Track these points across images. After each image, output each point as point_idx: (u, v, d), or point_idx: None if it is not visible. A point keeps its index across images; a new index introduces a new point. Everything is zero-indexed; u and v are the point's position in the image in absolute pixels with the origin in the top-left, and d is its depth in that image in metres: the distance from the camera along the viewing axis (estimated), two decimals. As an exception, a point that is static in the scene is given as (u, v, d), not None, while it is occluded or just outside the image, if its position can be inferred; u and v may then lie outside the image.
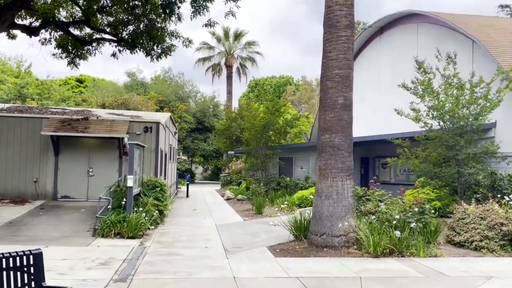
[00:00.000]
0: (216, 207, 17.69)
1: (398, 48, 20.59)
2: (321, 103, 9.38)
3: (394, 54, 20.95)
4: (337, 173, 8.98)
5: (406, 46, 19.35)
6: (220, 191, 27.79)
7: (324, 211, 8.96)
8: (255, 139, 19.76)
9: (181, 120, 41.01)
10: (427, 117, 12.04)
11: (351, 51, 9.34)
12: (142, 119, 15.45)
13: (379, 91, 22.24)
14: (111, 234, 10.15)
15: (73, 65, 18.99)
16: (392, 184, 20.81)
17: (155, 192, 12.76)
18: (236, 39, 41.53)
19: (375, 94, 22.76)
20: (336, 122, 9.05)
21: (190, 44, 18.49)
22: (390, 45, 21.58)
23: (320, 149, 9.27)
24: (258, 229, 11.84)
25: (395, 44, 21.00)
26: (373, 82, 23.37)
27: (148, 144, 14.66)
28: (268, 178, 19.76)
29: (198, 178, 52.46)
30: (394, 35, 20.77)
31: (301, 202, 16.64)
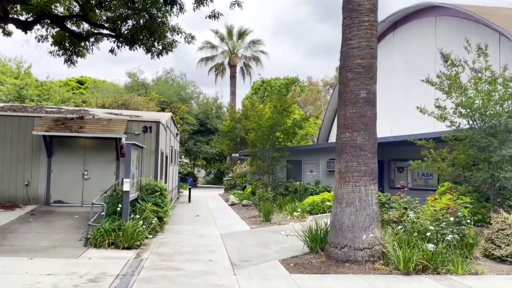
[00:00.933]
0: (220, 213, 16.60)
1: (413, 44, 19.53)
2: (341, 98, 8.31)
3: (409, 50, 19.89)
4: (359, 176, 7.89)
5: (422, 41, 18.35)
6: (224, 195, 26.70)
7: (345, 221, 7.86)
8: (261, 140, 18.66)
9: (183, 122, 40.01)
10: (454, 115, 10.95)
11: (375, 38, 8.28)
12: (141, 118, 14.41)
13: (392, 90, 21.21)
14: (104, 244, 9.07)
15: (70, 62, 18.03)
16: (409, 189, 19.66)
17: (155, 197, 11.69)
18: (240, 38, 40.48)
19: (387, 93, 21.69)
20: (358, 119, 7.97)
21: (192, 40, 17.50)
22: (405, 41, 20.50)
23: (340, 149, 8.18)
24: (267, 238, 10.73)
25: (410, 40, 19.93)
26: (385, 81, 22.26)
27: (147, 145, 13.60)
28: (275, 182, 18.65)
29: (200, 182, 51.40)
30: (409, 30, 19.71)
31: (312, 209, 15.52)
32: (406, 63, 20.49)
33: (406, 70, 20.58)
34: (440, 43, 18.51)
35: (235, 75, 40.43)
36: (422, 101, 13.76)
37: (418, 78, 20.67)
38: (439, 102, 11.27)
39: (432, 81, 11.28)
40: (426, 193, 19.08)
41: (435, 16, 17.39)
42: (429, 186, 18.96)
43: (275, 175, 18.71)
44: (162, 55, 17.74)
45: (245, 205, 19.10)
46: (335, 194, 8.25)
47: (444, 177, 11.03)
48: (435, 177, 18.76)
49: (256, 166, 18.86)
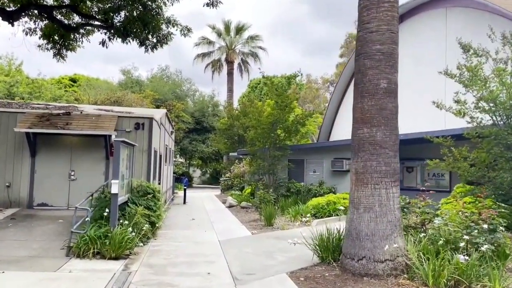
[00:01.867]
0: (217, 216, 15.57)
1: (421, 37, 18.61)
2: (357, 89, 7.32)
3: (416, 44, 18.97)
4: (379, 178, 6.90)
5: (431, 34, 17.46)
6: (221, 197, 25.68)
7: (363, 228, 6.87)
8: (261, 138, 17.65)
9: (179, 120, 38.94)
10: (475, 110, 10.00)
11: (396, 21, 7.30)
12: (132, 114, 13.35)
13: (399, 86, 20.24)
14: (89, 254, 8.04)
15: (59, 56, 17.01)
16: (418, 191, 18.74)
17: (147, 200, 10.66)
18: (237, 33, 39.37)
19: None
20: (378, 112, 6.98)
21: (188, 33, 16.51)
22: (412, 34, 19.56)
23: (357, 147, 7.19)
24: (271, 246, 9.73)
25: (418, 33, 19.01)
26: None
27: (139, 143, 12.57)
28: (276, 183, 17.65)
29: (196, 182, 50.35)
30: (416, 23, 18.79)
31: (317, 212, 14.54)
32: (414, 57, 19.54)
33: (413, 65, 19.63)
34: (452, 36, 17.59)
35: (233, 71, 39.34)
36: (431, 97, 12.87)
37: (426, 73, 19.90)
38: (459, 96, 10.32)
39: (451, 73, 10.33)
40: (437, 195, 18.18)
41: (445, 7, 16.48)
42: (441, 187, 18.02)
43: (276, 175, 17.71)
44: (157, 48, 16.74)
45: (244, 207, 18.10)
46: (351, 197, 7.26)
47: (466, 177, 10.07)
48: (446, 178, 17.85)
49: (255, 165, 17.85)
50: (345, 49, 55.24)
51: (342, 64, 53.62)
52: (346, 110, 26.85)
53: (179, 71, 57.78)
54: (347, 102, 26.80)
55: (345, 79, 26.98)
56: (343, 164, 17.51)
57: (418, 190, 18.82)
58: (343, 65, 52.81)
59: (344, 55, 55.76)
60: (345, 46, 55.44)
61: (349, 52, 53.93)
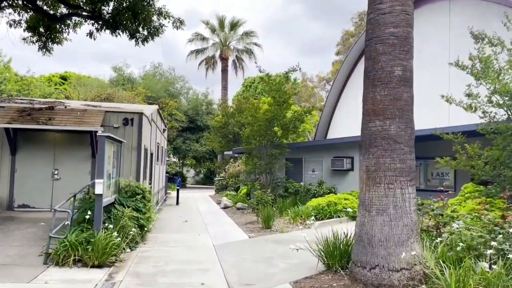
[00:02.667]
0: (212, 218, 14.79)
1: (423, 31, 17.90)
2: (368, 77, 6.58)
3: (417, 39, 18.27)
4: (394, 176, 6.16)
5: (434, 28, 16.82)
6: (215, 197, 24.88)
7: (376, 233, 6.13)
8: (258, 136, 16.87)
9: (172, 118, 38.06)
10: (488, 105, 9.31)
11: (411, 1, 6.57)
12: (121, 109, 12.52)
13: None
14: (69, 262, 7.22)
15: (45, 50, 16.13)
16: (421, 191, 18.09)
17: (135, 201, 9.85)
18: (232, 29, 38.48)
19: None
20: (392, 103, 6.25)
21: (181, 25, 15.73)
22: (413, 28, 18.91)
23: (368, 142, 6.45)
24: (270, 251, 8.96)
25: (419, 26, 18.30)
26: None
27: (128, 140, 11.75)
28: (274, 182, 16.88)
29: (189, 182, 49.47)
30: (417, 17, 18.04)
31: (317, 213, 13.81)
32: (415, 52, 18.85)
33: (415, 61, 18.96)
34: (456, 29, 17.00)
35: (227, 68, 38.48)
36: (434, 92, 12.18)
37: (428, 68, 19.27)
38: (471, 89, 9.62)
39: (463, 65, 9.63)
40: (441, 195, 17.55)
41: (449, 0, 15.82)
42: (445, 187, 17.38)
43: (274, 175, 16.95)
44: (148, 41, 15.94)
45: (240, 209, 17.32)
46: (361, 198, 6.51)
47: (479, 176, 9.37)
48: (451, 177, 17.22)
49: (252, 164, 17.08)
50: (342, 46, 54.65)
51: (338, 61, 53.03)
52: (344, 108, 26.19)
53: (172, 68, 56.63)
54: (345, 100, 26.12)
55: (342, 76, 26.31)
56: (343, 163, 16.81)
57: (422, 191, 18.26)
58: (339, 63, 52.16)
59: (341, 52, 55.20)
60: (341, 43, 54.83)
61: (346, 49, 53.33)
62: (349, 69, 25.89)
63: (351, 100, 25.13)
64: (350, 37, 53.89)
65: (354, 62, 25.37)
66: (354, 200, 14.82)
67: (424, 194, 17.95)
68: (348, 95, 25.73)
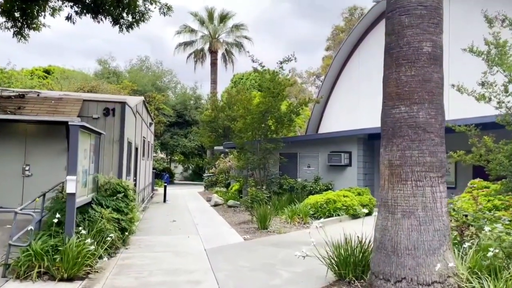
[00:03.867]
0: (202, 217, 13.71)
1: None
2: (390, 55, 5.56)
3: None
4: (423, 172, 5.17)
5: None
6: (205, 194, 23.79)
7: (402, 239, 5.13)
8: (251, 129, 15.81)
9: (159, 112, 36.76)
10: (504, 94, 8.36)
11: (441, -35, 5.55)
12: (101, 98, 11.32)
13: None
14: (33, 274, 6.07)
15: (20, 36, 14.76)
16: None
17: (116, 200, 8.72)
18: (221, 22, 37.14)
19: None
20: (420, 85, 5.24)
21: (169, 11, 14.52)
22: None
23: (391, 132, 5.43)
24: (270, 257, 7.93)
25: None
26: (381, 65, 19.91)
27: (109, 132, 10.60)
28: (268, 178, 15.85)
29: (177, 178, 48.28)
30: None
31: (315, 212, 12.85)
32: None
33: None
34: (456, 21, 16.25)
35: (216, 62, 37.19)
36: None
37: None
38: (487, 77, 8.66)
39: (478, 50, 8.66)
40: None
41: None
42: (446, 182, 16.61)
43: (268, 171, 15.92)
44: (133, 28, 14.70)
45: (232, 206, 16.27)
46: (383, 198, 5.50)
47: (497, 172, 8.45)
48: (451, 172, 16.39)
49: (244, 159, 16.01)
50: (332, 42, 53.94)
51: (328, 57, 52.31)
52: (336, 102, 25.30)
53: (160, 62, 55.14)
54: (338, 94, 25.23)
55: (334, 70, 25.44)
56: (341, 158, 15.87)
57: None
58: (329, 58, 51.38)
59: (331, 48, 54.54)
60: (331, 38, 54.12)
61: (336, 44, 52.60)
62: (341, 64, 25.03)
63: (344, 95, 24.29)
64: (340, 32, 53.24)
65: (347, 55, 24.51)
66: (354, 198, 13.90)
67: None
68: (341, 89, 24.88)
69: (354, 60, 23.78)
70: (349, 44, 23.87)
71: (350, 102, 23.10)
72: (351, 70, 23.88)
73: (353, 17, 52.49)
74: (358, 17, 51.31)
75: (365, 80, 21.79)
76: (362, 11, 50.41)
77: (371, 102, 20.97)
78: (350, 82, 23.68)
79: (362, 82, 22.20)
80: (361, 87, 22.21)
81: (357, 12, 51.61)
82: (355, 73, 23.26)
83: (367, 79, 21.52)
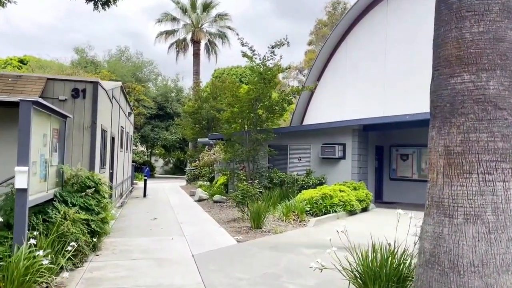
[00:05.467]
0: (186, 214, 12.27)
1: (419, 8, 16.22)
2: (448, 5, 4.22)
3: (412, 16, 16.78)
4: (493, 162, 3.87)
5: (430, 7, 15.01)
6: (187, 188, 22.32)
7: (466, 252, 3.83)
8: (240, 118, 14.40)
9: (139, 104, 34.97)
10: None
11: None
12: (70, 77, 9.71)
13: (386, 65, 18.20)
14: (-34, 297, 4.58)
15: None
16: (414, 181, 16.20)
17: (85, 197, 7.21)
18: (204, 11, 35.37)
19: (380, 68, 18.61)
20: (491, 45, 3.93)
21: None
22: (406, 4, 17.32)
23: (448, 108, 4.11)
24: (271, 264, 6.56)
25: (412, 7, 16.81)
26: (378, 55, 18.84)
27: (78, 117, 9.04)
28: (258, 172, 14.49)
29: (158, 172, 46.57)
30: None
31: (311, 208, 11.57)
32: (407, 32, 17.16)
33: (407, 41, 17.26)
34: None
35: (199, 52, 35.47)
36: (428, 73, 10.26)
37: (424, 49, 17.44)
38: None
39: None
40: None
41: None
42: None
43: (258, 163, 14.54)
44: (109, 5, 13.07)
45: (218, 202, 14.88)
46: (434, 197, 4.18)
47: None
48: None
49: (232, 152, 14.59)
50: (315, 36, 52.94)
51: (311, 51, 51.38)
52: (322, 94, 24.09)
53: (140, 53, 52.98)
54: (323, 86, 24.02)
55: (320, 62, 24.20)
56: (335, 150, 14.62)
57: (414, 181, 16.36)
58: (312, 52, 50.32)
59: (313, 42, 53.64)
60: (314, 32, 53.10)
61: (319, 39, 51.54)
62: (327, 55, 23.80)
63: (330, 86, 23.13)
64: (323, 26, 52.38)
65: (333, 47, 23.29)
66: (351, 193, 12.72)
67: (416, 186, 16.22)
68: (327, 81, 23.69)
69: (341, 52, 22.66)
70: (336, 35, 22.70)
71: (336, 94, 22.00)
72: (338, 61, 22.76)
73: (336, 11, 51.53)
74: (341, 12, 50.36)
75: (353, 71, 20.78)
76: (345, 5, 49.46)
77: (358, 93, 19.91)
78: (337, 74, 22.54)
79: (349, 74, 21.15)
80: (348, 79, 21.17)
81: (340, 6, 50.63)
82: (342, 64, 22.16)
83: (354, 71, 20.55)
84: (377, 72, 18.74)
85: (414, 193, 15.57)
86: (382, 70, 18.61)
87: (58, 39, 79.90)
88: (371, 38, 19.39)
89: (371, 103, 18.37)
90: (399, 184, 16.44)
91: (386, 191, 16.66)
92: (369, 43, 19.61)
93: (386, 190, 16.67)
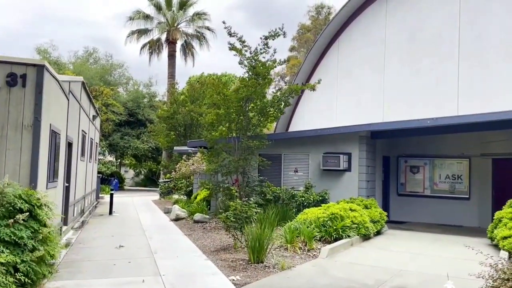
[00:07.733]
0: (162, 240, 9.81)
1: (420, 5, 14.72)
2: None
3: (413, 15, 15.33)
4: None
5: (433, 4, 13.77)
6: (161, 203, 19.74)
7: None
8: (227, 121, 12.11)
9: (108, 109, 32.04)
10: None
11: None
12: (4, 58, 7.17)
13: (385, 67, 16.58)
14: None
15: None
16: (426, 197, 14.27)
17: (13, 227, 4.78)
18: (181, 9, 32.93)
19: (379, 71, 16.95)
20: None
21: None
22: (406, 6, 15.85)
23: None
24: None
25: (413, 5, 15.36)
26: (374, 57, 17.09)
27: (14, 111, 6.56)
28: (249, 186, 12.17)
29: (128, 183, 43.35)
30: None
31: (319, 231, 9.36)
32: (408, 32, 15.57)
33: (408, 42, 15.63)
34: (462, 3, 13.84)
35: (174, 54, 32.96)
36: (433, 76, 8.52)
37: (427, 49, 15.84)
38: None
39: None
40: (452, 203, 13.86)
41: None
42: (457, 193, 13.75)
43: (248, 176, 12.25)
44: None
45: (199, 222, 12.47)
46: None
47: None
48: (464, 181, 13.62)
49: (218, 162, 12.23)
50: (298, 41, 51.52)
51: (293, 57, 49.70)
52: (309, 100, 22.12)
53: (110, 55, 49.91)
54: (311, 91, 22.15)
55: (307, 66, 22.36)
56: (339, 161, 12.48)
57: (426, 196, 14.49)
58: (294, 58, 48.79)
59: (295, 49, 52.15)
60: (297, 38, 51.65)
61: (301, 44, 50.11)
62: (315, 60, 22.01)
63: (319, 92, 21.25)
64: (306, 31, 50.99)
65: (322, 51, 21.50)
66: (363, 212, 10.59)
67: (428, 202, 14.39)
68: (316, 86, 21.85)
69: (332, 55, 20.88)
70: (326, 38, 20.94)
71: (326, 99, 20.10)
72: (328, 66, 20.94)
73: (320, 15, 50.35)
74: (325, 16, 49.19)
75: (346, 76, 18.99)
76: (329, 9, 48.23)
77: (352, 98, 18.13)
78: (327, 78, 20.69)
79: (342, 79, 19.34)
80: (340, 84, 19.34)
81: (324, 11, 49.44)
82: (333, 69, 20.35)
83: (348, 75, 18.78)
84: (374, 77, 16.97)
85: (426, 211, 13.66)
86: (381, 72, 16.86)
87: (25, 45, 75.61)
88: (368, 42, 17.67)
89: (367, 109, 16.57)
90: (408, 201, 14.45)
91: (393, 208, 14.64)
92: (365, 45, 17.87)
93: (393, 208, 14.65)
